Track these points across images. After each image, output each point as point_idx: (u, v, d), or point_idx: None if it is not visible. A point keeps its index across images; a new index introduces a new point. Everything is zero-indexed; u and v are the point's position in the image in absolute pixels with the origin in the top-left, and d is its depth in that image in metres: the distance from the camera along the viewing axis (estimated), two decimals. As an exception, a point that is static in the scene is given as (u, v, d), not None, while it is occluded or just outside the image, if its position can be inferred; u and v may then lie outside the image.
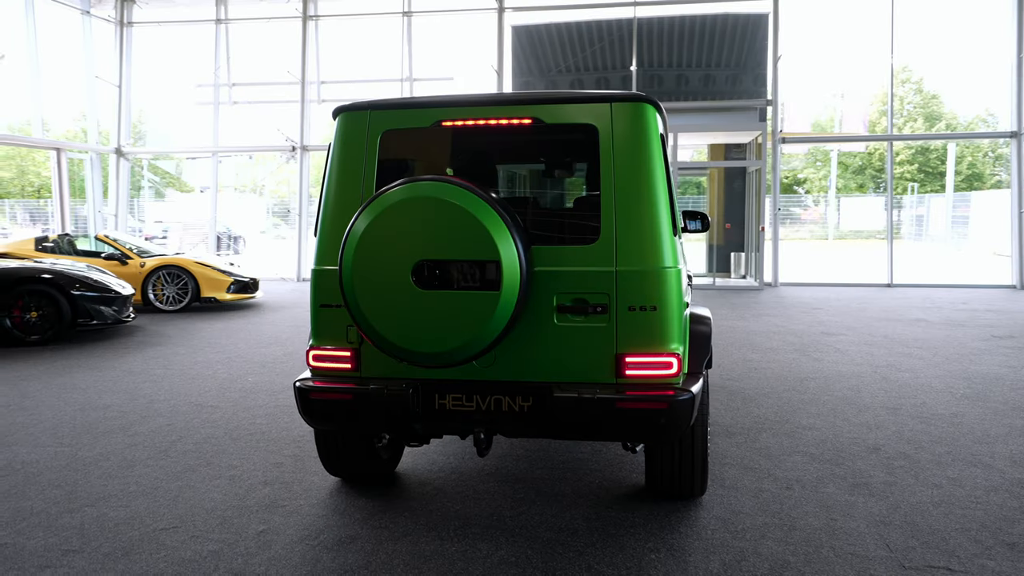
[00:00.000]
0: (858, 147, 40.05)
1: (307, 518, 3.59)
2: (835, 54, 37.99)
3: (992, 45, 17.66)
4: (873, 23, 17.38)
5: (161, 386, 6.35)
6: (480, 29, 16.77)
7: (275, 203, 35.65)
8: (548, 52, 20.06)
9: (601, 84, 21.38)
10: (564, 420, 3.19)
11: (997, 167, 42.01)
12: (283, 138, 16.52)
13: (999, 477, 4.06)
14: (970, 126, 41.21)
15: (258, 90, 18.22)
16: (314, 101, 17.12)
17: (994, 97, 37.80)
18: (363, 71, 19.04)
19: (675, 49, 19.60)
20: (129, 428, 5.11)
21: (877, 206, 35.73)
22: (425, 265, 3.01)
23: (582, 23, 19.11)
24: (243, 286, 11.63)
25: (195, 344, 8.42)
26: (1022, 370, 6.76)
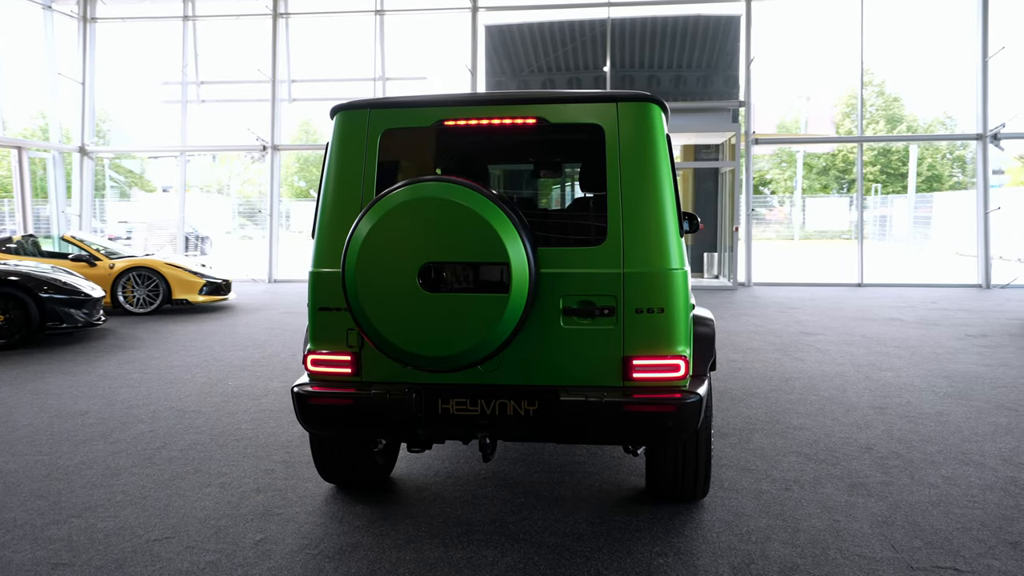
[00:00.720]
0: (824, 148, 40.64)
1: (305, 526, 3.50)
2: (800, 57, 38.49)
3: (951, 51, 18.09)
4: (838, 28, 17.61)
5: (139, 391, 6.18)
6: (453, 29, 16.69)
7: (240, 203, 35.17)
8: (520, 52, 20.03)
9: (573, 84, 21.41)
10: (571, 424, 3.15)
11: (955, 169, 42.93)
12: (253, 137, 16.26)
13: (992, 475, 4.10)
14: (929, 128, 42.04)
15: (227, 88, 17.94)
16: (284, 100, 16.89)
17: (951, 101, 38.58)
18: (335, 70, 18.84)
19: (647, 50, 19.69)
20: (110, 435, 4.96)
21: (842, 207, 36.30)
22: (432, 267, 2.95)
23: (554, 23, 19.12)
24: (215, 288, 11.42)
25: (170, 347, 8.23)
26: (1000, 368, 6.87)
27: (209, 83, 17.66)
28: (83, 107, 17.49)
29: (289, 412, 5.48)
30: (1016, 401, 5.68)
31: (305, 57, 17.43)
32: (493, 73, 18.95)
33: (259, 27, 16.85)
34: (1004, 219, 15.75)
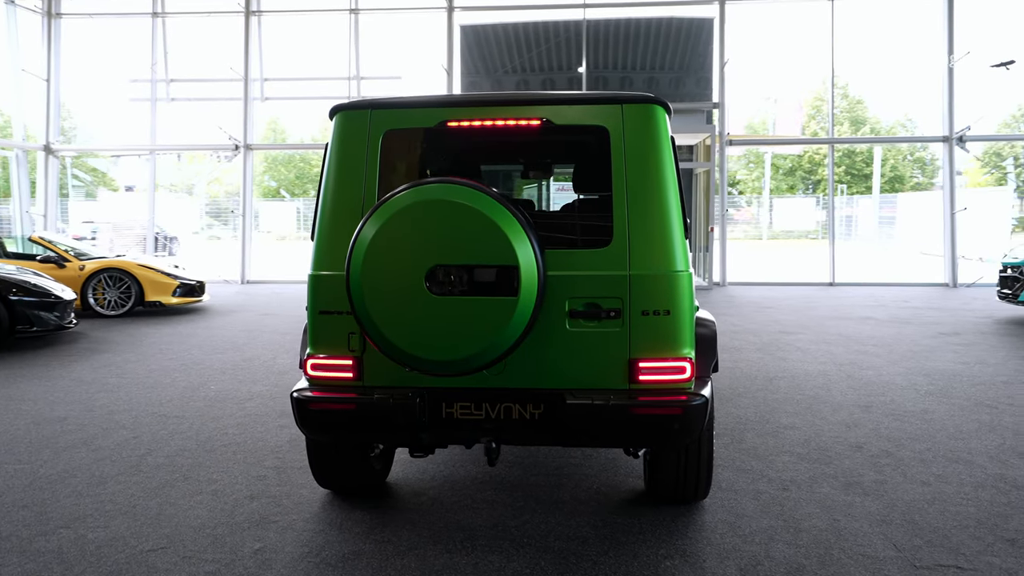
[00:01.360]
0: (793, 150, 41.20)
1: (304, 534, 3.44)
2: (767, 60, 38.97)
3: (912, 56, 18.48)
4: (805, 31, 17.86)
5: (118, 396, 6.04)
6: (428, 28, 16.61)
7: (207, 203, 34.70)
8: (495, 52, 20.01)
9: (547, 85, 21.45)
10: (577, 427, 3.13)
11: (915, 170, 43.78)
12: (225, 136, 16.02)
13: (981, 473, 4.16)
14: (891, 130, 42.85)
15: (197, 87, 17.66)
16: (257, 99, 16.68)
17: (912, 104, 39.26)
18: (309, 69, 18.62)
19: (621, 51, 19.78)
20: (91, 442, 4.83)
21: (808, 207, 36.77)
22: (440, 270, 2.91)
23: (529, 24, 19.13)
24: (189, 289, 11.23)
25: (145, 351, 8.06)
26: (976, 366, 6.99)
27: (179, 81, 17.37)
28: (48, 104, 17.11)
29: (276, 417, 5.39)
30: (995, 398, 5.78)
31: (278, 55, 17.23)
32: (467, 73, 18.91)
33: (231, 24, 16.62)
34: (964, 219, 16.06)
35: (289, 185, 43.89)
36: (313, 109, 39.34)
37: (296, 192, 42.96)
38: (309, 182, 43.47)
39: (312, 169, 43.41)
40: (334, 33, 16.70)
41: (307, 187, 43.15)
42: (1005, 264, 10.09)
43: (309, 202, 39.60)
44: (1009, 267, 9.98)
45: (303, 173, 44.37)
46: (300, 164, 44.21)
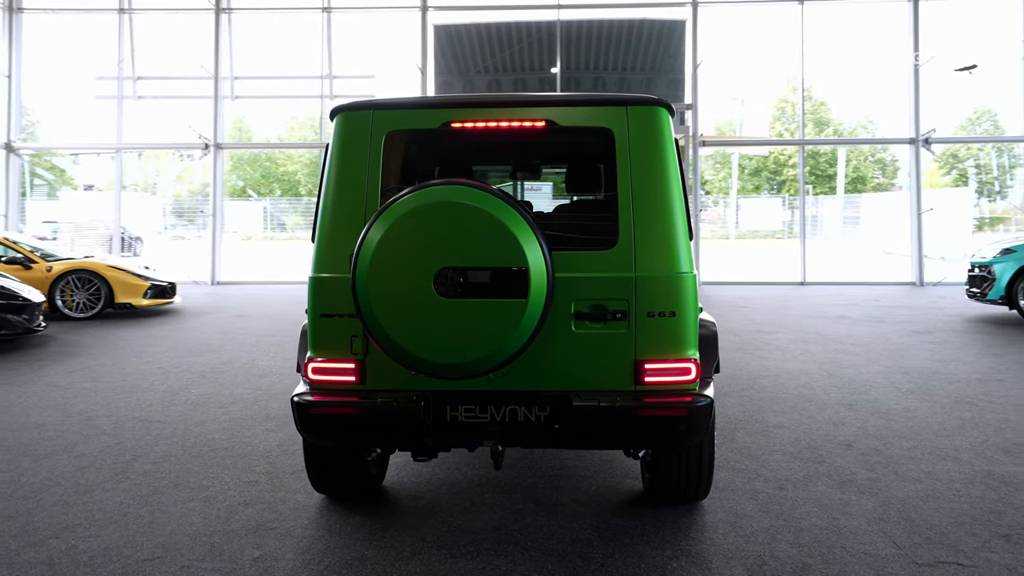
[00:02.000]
0: (759, 150, 41.73)
1: (304, 540, 3.38)
2: (735, 62, 39.41)
3: (874, 60, 18.86)
4: (772, 34, 18.07)
5: (95, 401, 5.90)
6: (402, 27, 16.50)
7: (169, 203, 34.14)
8: (467, 52, 19.96)
9: (519, 85, 21.46)
10: (583, 430, 3.11)
11: (876, 171, 44.61)
12: (195, 135, 15.76)
13: (969, 470, 4.23)
14: (853, 132, 43.62)
15: (165, 84, 17.35)
16: (227, 97, 16.43)
17: (873, 107, 39.87)
18: (280, 67, 18.38)
19: (593, 52, 19.86)
20: (72, 448, 4.71)
21: (775, 207, 37.28)
22: (448, 272, 2.87)
23: (502, 24, 19.12)
24: (161, 291, 11.02)
25: (119, 354, 7.89)
26: (952, 364, 7.13)
27: (146, 79, 17.05)
28: (9, 102, 16.68)
29: (262, 420, 5.31)
30: (974, 396, 5.89)
31: (249, 54, 16.99)
32: (439, 73, 18.84)
33: (200, 22, 16.35)
34: (927, 219, 16.36)
35: (255, 184, 43.37)
36: (280, 108, 38.94)
37: (262, 192, 42.47)
38: (275, 181, 42.99)
39: (278, 168, 42.95)
40: (306, 31, 16.52)
41: (273, 186, 42.66)
42: (973, 263, 10.30)
43: (276, 202, 39.25)
44: (977, 266, 10.19)
45: (269, 172, 43.87)
46: (266, 163, 43.70)
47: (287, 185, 43.01)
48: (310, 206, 36.36)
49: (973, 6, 16.10)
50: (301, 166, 41.97)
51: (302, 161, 41.38)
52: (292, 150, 38.01)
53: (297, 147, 36.28)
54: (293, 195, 41.76)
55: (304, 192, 41.51)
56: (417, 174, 3.40)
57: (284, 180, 43.16)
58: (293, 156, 40.57)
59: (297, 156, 40.37)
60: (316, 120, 40.04)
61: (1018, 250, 9.69)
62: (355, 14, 16.78)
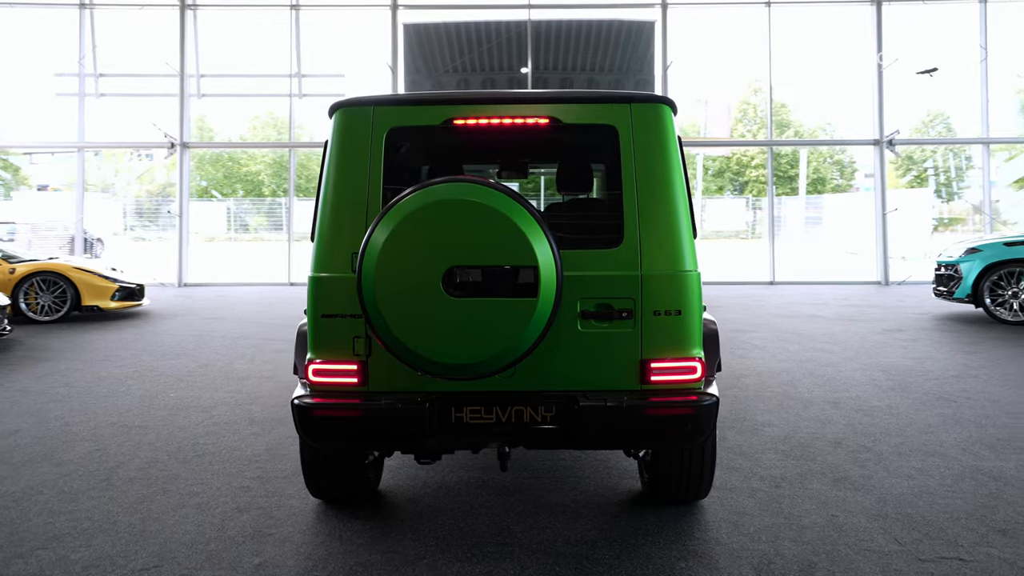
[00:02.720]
0: (722, 151, 42.23)
1: (304, 546, 3.31)
2: (699, 64, 39.80)
3: (835, 63, 19.25)
4: (735, 37, 18.29)
5: (70, 406, 5.73)
6: (372, 26, 16.35)
7: (129, 203, 33.45)
8: (436, 51, 19.88)
9: (487, 85, 21.41)
10: (590, 430, 3.09)
11: (835, 172, 45.43)
12: (161, 134, 15.45)
13: (958, 465, 4.30)
14: (813, 133, 44.38)
15: (129, 82, 16.98)
16: (194, 95, 16.14)
17: (832, 109, 40.59)
18: (248, 65, 18.10)
19: (562, 53, 19.90)
20: (52, 455, 4.56)
21: (738, 208, 37.74)
22: (457, 272, 2.83)
23: (471, 24, 19.07)
24: (129, 293, 10.77)
25: (90, 358, 7.69)
26: (927, 361, 7.26)
27: (109, 76, 16.67)
28: (-35, 99, 16.19)
29: (246, 424, 5.20)
30: (952, 392, 6.00)
31: (217, 52, 16.71)
32: (408, 72, 18.73)
33: (164, 18, 16.03)
34: (888, 219, 16.65)
35: (217, 185, 42.70)
36: (244, 107, 38.37)
37: (225, 192, 41.83)
38: (238, 181, 42.36)
39: (241, 168, 42.31)
40: (274, 29, 16.30)
41: (236, 187, 42.03)
42: (940, 262, 10.51)
43: (239, 202, 38.65)
44: (944, 265, 10.40)
45: (232, 173, 43.22)
46: (228, 163, 43.05)
47: (250, 185, 42.41)
48: (274, 207, 35.90)
49: (931, 11, 16.44)
50: (265, 166, 41.40)
51: (265, 161, 40.82)
52: (256, 150, 37.46)
53: (265, 147, 35.82)
54: (257, 195, 41.19)
55: (268, 193, 40.95)
56: (419, 172, 3.35)
57: (247, 180, 42.55)
58: (256, 156, 40.00)
59: (260, 156, 39.82)
60: (280, 119, 39.55)
61: (984, 249, 9.91)
62: (324, 12, 16.60)
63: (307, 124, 22.20)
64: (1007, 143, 20.46)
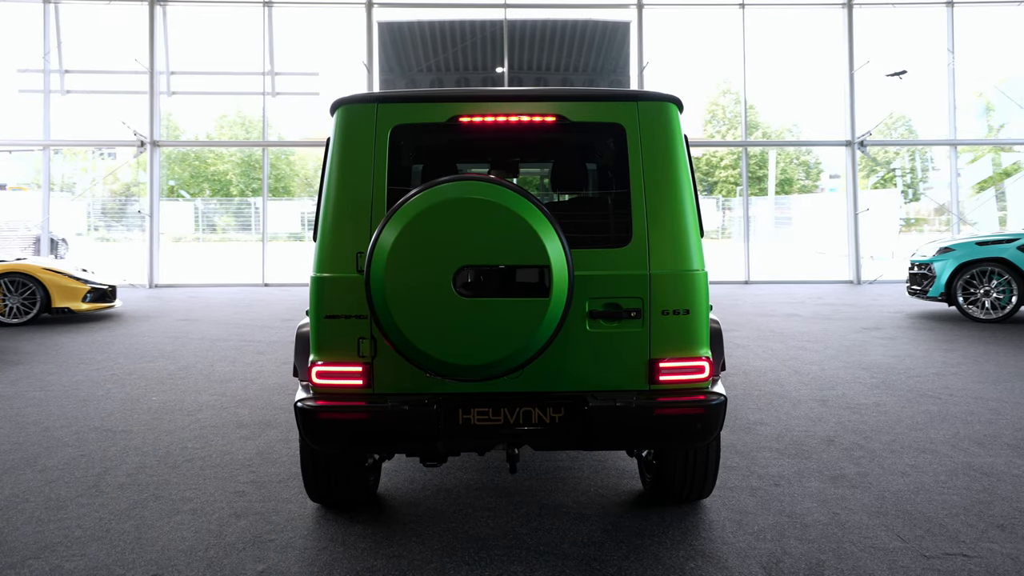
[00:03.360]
0: (696, 152, 42.60)
1: (307, 552, 3.24)
2: (671, 64, 40.11)
3: (801, 66, 19.54)
4: (706, 37, 18.44)
5: (48, 410, 5.58)
6: (346, 23, 16.20)
7: (95, 203, 32.82)
8: (411, 50, 19.77)
9: (461, 84, 21.32)
10: (600, 431, 3.07)
11: (801, 173, 46.05)
12: (130, 132, 15.15)
13: (949, 462, 4.36)
14: (780, 135, 44.96)
15: (96, 79, 16.63)
16: (164, 93, 15.86)
17: (800, 110, 41.18)
18: (220, 63, 17.82)
19: (536, 53, 19.90)
20: (35, 462, 4.43)
21: (709, 208, 38.06)
22: (468, 271, 2.79)
23: (445, 22, 18.99)
24: (101, 294, 10.54)
25: (64, 361, 7.50)
26: (906, 359, 7.36)
27: (75, 72, 16.31)
28: (-76, 95, 15.74)
29: (234, 428, 5.10)
30: (934, 390, 6.09)
31: (187, 49, 16.43)
32: (381, 71, 18.60)
33: (133, 14, 15.72)
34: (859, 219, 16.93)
35: (183, 184, 42.05)
36: (212, 105, 37.87)
37: (192, 192, 41.22)
38: (205, 181, 41.75)
39: (208, 168, 41.71)
40: (246, 26, 16.07)
41: (203, 186, 41.42)
42: (914, 261, 10.68)
43: (207, 202, 38.12)
44: (917, 264, 10.57)
45: (199, 172, 42.60)
46: (195, 162, 42.43)
47: (218, 185, 41.83)
48: (243, 207, 35.48)
49: (900, 15, 16.70)
50: (232, 165, 40.85)
51: (233, 160, 40.28)
52: (224, 149, 36.96)
53: (238, 145, 35.29)
54: (224, 195, 40.64)
55: (236, 192, 40.44)
56: (423, 169, 3.30)
57: (215, 180, 41.97)
58: (224, 155, 39.45)
59: (228, 155, 39.28)
60: (249, 118, 39.06)
61: (957, 249, 10.09)
62: (297, 9, 16.41)
63: (276, 123, 21.96)
64: (973, 145, 20.87)
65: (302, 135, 22.53)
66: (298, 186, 41.01)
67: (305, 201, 36.97)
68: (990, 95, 21.33)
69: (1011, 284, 9.67)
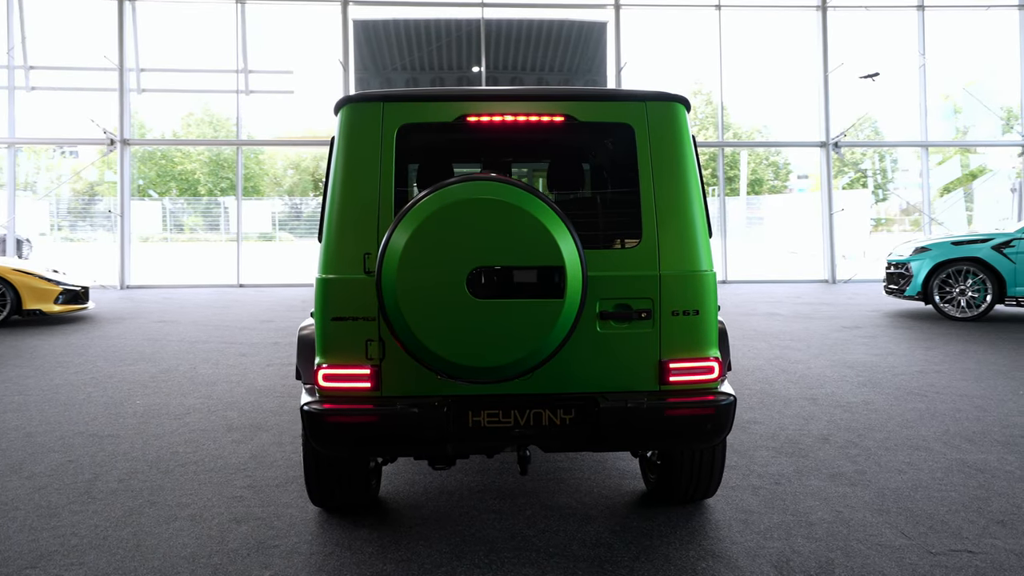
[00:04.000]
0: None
1: (313, 557, 3.19)
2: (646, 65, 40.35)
3: (774, 66, 19.80)
4: (680, 38, 18.59)
5: (30, 415, 5.44)
6: (321, 21, 16.04)
7: (57, 202, 32.14)
8: (385, 49, 19.63)
9: (436, 83, 21.24)
10: (611, 432, 3.06)
11: (770, 173, 46.61)
12: (99, 130, 14.85)
13: (943, 459, 4.41)
14: (750, 135, 45.46)
15: (63, 75, 16.29)
16: (134, 90, 15.57)
17: (768, 111, 41.69)
18: (191, 60, 17.55)
19: (512, 52, 19.87)
20: (20, 468, 4.31)
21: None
22: (482, 272, 2.76)
23: (420, 21, 18.89)
24: (74, 296, 10.31)
25: (41, 365, 7.32)
26: (888, 357, 7.46)
27: (40, 68, 15.95)
28: None
29: (225, 431, 5.01)
30: (920, 387, 6.17)
31: (158, 46, 16.15)
32: (356, 69, 18.46)
33: (102, 9, 15.42)
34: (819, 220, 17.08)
35: (150, 183, 41.38)
36: (177, 103, 37.27)
37: (159, 191, 40.57)
38: (172, 180, 41.13)
39: (175, 167, 41.09)
40: (219, 24, 15.84)
41: (169, 185, 40.80)
42: (890, 261, 10.84)
43: (175, 201, 37.52)
44: (894, 264, 10.73)
45: (165, 171, 41.94)
46: (161, 161, 41.77)
47: (185, 184, 41.24)
48: (211, 206, 35.00)
49: (873, 18, 16.96)
50: (200, 164, 40.30)
51: (201, 159, 39.74)
52: (191, 147, 36.45)
53: (212, 144, 34.77)
54: (192, 195, 40.08)
55: (204, 192, 39.92)
56: (430, 169, 3.26)
57: (182, 179, 41.36)
58: (192, 154, 38.92)
59: (196, 154, 38.74)
60: (217, 116, 38.53)
61: (933, 248, 10.25)
62: (271, 6, 16.21)
63: (247, 121, 21.68)
64: (945, 146, 21.24)
65: (273, 134, 22.27)
66: (268, 185, 40.59)
67: (275, 201, 36.61)
68: (957, 98, 21.75)
69: (986, 283, 9.85)
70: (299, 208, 33.51)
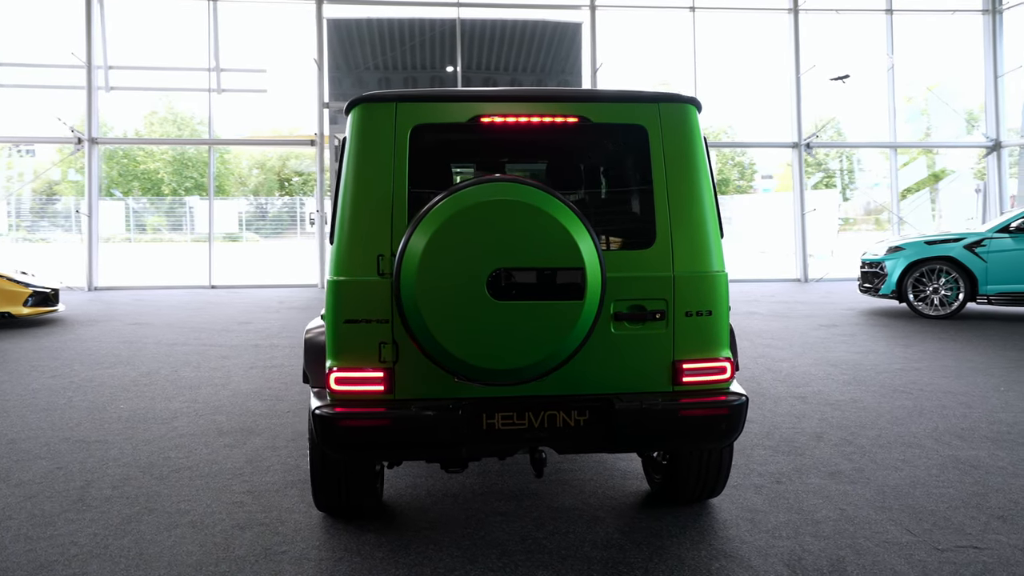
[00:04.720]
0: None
1: (323, 563, 3.14)
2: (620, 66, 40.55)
3: (743, 69, 20.06)
4: (653, 40, 18.72)
5: (11, 421, 5.29)
6: (293, 20, 15.86)
7: (21, 203, 31.39)
8: (359, 48, 19.49)
9: (409, 83, 21.14)
10: (626, 433, 3.05)
11: (735, 173, 47.18)
12: (66, 128, 14.52)
13: (936, 456, 4.48)
14: (717, 136, 45.97)
15: (27, 72, 15.90)
16: (102, 88, 15.25)
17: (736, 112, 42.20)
18: (161, 58, 17.23)
19: (485, 53, 19.84)
20: (8, 476, 4.19)
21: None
22: (502, 274, 2.73)
23: (395, 20, 18.77)
24: (44, 298, 10.07)
25: (14, 369, 7.13)
26: (869, 355, 7.57)
27: (4, 65, 15.55)
28: None
29: (216, 436, 4.92)
30: (904, 385, 6.27)
31: (128, 43, 15.84)
32: (329, 68, 18.28)
33: (69, 4, 15.08)
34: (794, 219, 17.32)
35: (112, 182, 40.58)
36: (140, 102, 36.65)
37: (123, 190, 39.80)
38: (134, 179, 40.38)
39: (138, 166, 40.36)
40: (190, 21, 15.58)
41: (131, 184, 40.05)
42: (865, 260, 11.02)
43: (139, 201, 36.82)
44: (868, 263, 10.90)
45: (127, 170, 41.17)
46: (123, 160, 41.00)
47: (148, 184, 40.51)
48: (175, 206, 34.42)
49: (843, 21, 17.22)
50: (164, 163, 39.63)
51: (164, 159, 39.08)
52: (154, 147, 35.83)
53: (183, 143, 34.17)
54: (156, 194, 39.40)
55: (168, 192, 39.26)
56: (444, 170, 3.23)
57: (145, 178, 40.63)
58: (155, 153, 38.27)
59: (159, 153, 38.11)
60: (180, 115, 37.94)
61: (907, 248, 10.43)
62: (243, 4, 15.98)
63: (214, 120, 21.38)
64: (913, 147, 21.63)
65: (241, 133, 21.95)
66: (233, 185, 40.06)
67: (240, 201, 36.11)
68: (920, 100, 22.17)
69: (958, 282, 10.05)
70: (264, 208, 33.12)
